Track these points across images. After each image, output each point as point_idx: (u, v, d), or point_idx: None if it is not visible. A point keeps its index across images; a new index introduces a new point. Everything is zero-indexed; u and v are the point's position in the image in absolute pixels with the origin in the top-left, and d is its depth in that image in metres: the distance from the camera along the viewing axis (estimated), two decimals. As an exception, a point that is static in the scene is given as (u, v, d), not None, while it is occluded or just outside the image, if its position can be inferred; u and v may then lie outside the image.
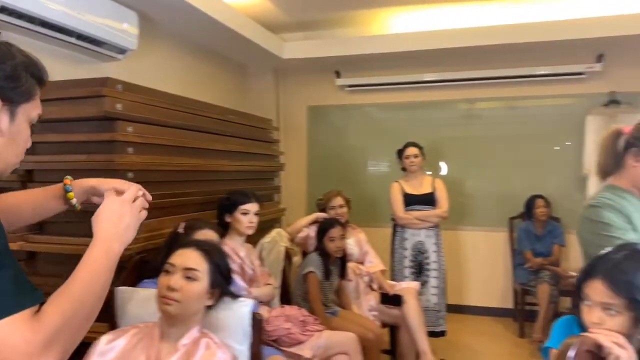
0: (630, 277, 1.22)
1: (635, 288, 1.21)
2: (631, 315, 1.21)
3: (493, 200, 4.74)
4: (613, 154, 1.82)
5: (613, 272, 1.25)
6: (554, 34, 4.09)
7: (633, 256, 1.28)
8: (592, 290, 1.27)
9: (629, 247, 1.34)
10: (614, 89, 4.31)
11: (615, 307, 1.23)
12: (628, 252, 1.30)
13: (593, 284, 1.28)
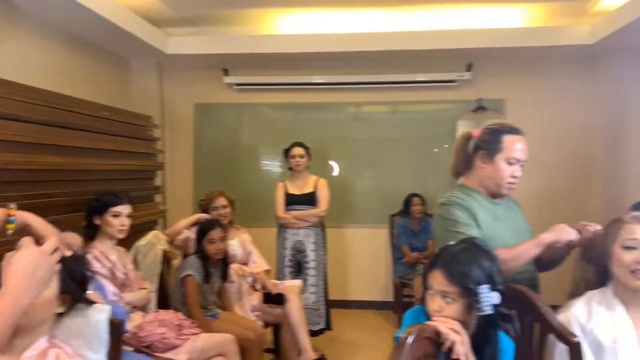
0: (465, 268, 1.34)
1: (468, 277, 1.33)
2: (465, 302, 1.33)
3: (377, 198, 4.96)
4: (464, 155, 1.98)
5: (450, 263, 1.36)
6: (431, 43, 4.37)
7: (470, 249, 1.40)
8: (433, 280, 1.38)
9: (468, 240, 1.47)
10: (481, 96, 4.71)
11: (451, 295, 1.34)
12: (466, 245, 1.43)
13: (434, 274, 1.38)
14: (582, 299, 1.64)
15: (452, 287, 1.34)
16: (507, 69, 4.72)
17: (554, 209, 4.41)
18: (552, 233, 1.76)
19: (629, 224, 1.61)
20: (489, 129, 1.94)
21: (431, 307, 1.38)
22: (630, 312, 1.57)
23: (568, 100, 4.67)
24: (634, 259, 1.54)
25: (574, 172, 4.66)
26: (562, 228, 1.77)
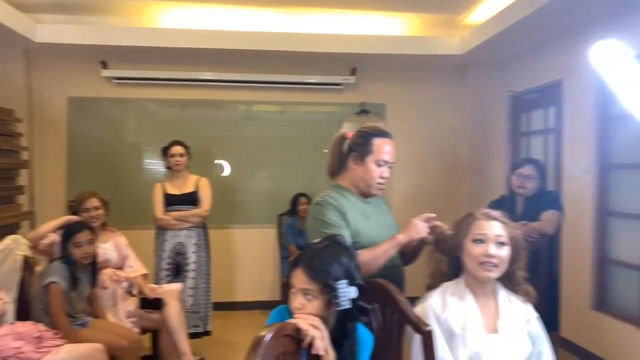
0: (325, 265, 1.38)
1: (328, 274, 1.37)
2: (325, 298, 1.37)
3: (266, 198, 4.97)
4: (338, 156, 2.04)
5: (311, 261, 1.40)
6: (318, 46, 4.46)
7: (331, 247, 1.45)
8: (295, 278, 1.41)
9: (330, 238, 1.51)
10: (365, 100, 4.90)
11: (312, 292, 1.38)
12: (328, 243, 1.47)
13: (296, 273, 1.41)
14: (438, 290, 1.76)
15: (313, 284, 1.37)
16: (388, 75, 4.96)
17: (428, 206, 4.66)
18: (405, 233, 1.88)
19: (479, 220, 1.75)
20: (361, 132, 2.02)
21: (293, 305, 1.40)
22: (479, 302, 1.71)
23: (441, 106, 5.02)
24: (482, 252, 1.68)
25: (445, 172, 5.03)
26: (414, 227, 1.88)
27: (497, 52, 4.45)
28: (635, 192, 3.28)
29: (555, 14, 3.40)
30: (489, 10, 4.01)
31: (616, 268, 3.49)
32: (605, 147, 3.53)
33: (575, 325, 3.69)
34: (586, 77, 3.56)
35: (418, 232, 1.87)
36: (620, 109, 3.37)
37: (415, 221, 1.89)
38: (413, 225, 1.88)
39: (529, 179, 3.09)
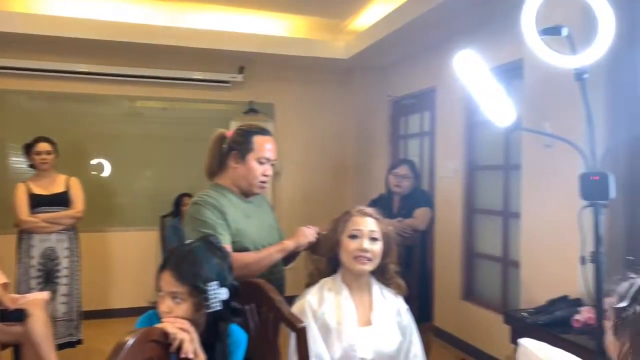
0: (194, 267, 1.35)
1: (198, 276, 1.34)
2: (194, 301, 1.34)
3: (149, 199, 4.74)
4: (218, 155, 2.00)
5: (180, 263, 1.36)
6: (205, 42, 4.35)
7: (202, 248, 1.42)
8: (163, 281, 1.36)
9: (202, 239, 1.48)
10: (253, 99, 4.88)
11: (180, 295, 1.34)
12: (199, 244, 1.44)
13: (164, 276, 1.36)
14: (316, 287, 1.81)
15: (181, 287, 1.34)
16: (276, 75, 4.99)
17: (316, 206, 4.81)
18: (293, 239, 1.92)
19: (354, 216, 1.83)
20: (240, 130, 2.00)
21: (161, 309, 1.35)
22: (354, 296, 1.78)
23: (328, 108, 5.16)
24: (357, 247, 1.76)
25: (332, 172, 5.17)
26: (302, 233, 1.94)
27: (379, 58, 4.66)
28: (495, 191, 3.63)
29: (426, 26, 3.65)
30: (371, 18, 4.20)
31: (481, 260, 3.83)
32: (471, 151, 3.86)
33: (446, 315, 3.99)
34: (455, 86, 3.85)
35: (306, 237, 1.93)
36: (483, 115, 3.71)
37: (303, 228, 1.95)
38: (301, 232, 1.94)
39: (404, 178, 3.27)
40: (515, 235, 3.34)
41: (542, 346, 0.98)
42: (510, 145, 3.47)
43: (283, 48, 4.53)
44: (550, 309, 2.16)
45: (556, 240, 2.63)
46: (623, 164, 2.39)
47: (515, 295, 3.26)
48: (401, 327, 1.80)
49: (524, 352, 0.98)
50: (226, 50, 4.45)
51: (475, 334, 3.70)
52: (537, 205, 2.81)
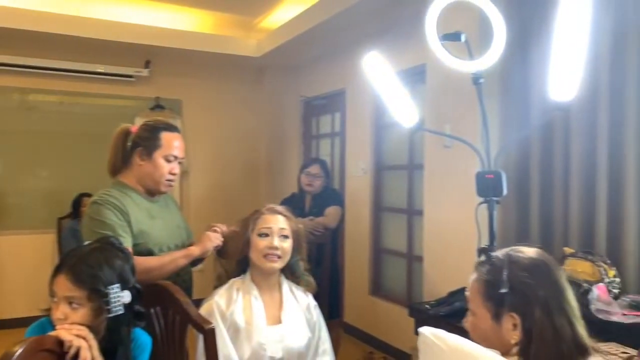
0: (94, 270, 1.27)
1: (97, 279, 1.26)
2: (93, 305, 1.26)
3: (45, 200, 4.41)
4: (122, 151, 1.89)
5: (77, 265, 1.27)
6: (108, 34, 4.11)
7: (102, 249, 1.34)
8: (57, 286, 1.27)
9: (101, 240, 1.40)
10: (160, 95, 4.70)
11: (77, 300, 1.25)
12: (97, 245, 1.36)
13: (58, 280, 1.27)
14: (225, 287, 1.78)
15: (78, 291, 1.25)
16: (184, 71, 4.84)
17: (227, 206, 4.73)
18: (199, 246, 1.87)
19: (264, 214, 1.82)
20: (147, 126, 1.91)
21: (56, 316, 1.26)
22: (264, 295, 1.78)
23: (240, 107, 5.09)
24: (268, 244, 1.75)
25: (244, 172, 5.12)
26: (208, 238, 1.89)
27: (291, 58, 4.68)
28: (401, 190, 3.78)
29: (336, 28, 3.73)
30: (284, 16, 4.20)
31: (388, 256, 3.97)
32: (379, 151, 4.00)
33: (355, 311, 4.10)
34: (364, 88, 3.97)
35: (212, 242, 1.88)
36: (390, 117, 3.86)
37: (208, 233, 1.90)
38: (206, 237, 1.89)
39: (315, 177, 3.31)
40: (419, 232, 3.51)
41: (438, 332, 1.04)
42: (414, 146, 3.64)
43: (191, 43, 4.40)
44: (450, 300, 2.28)
45: (455, 235, 2.79)
46: (513, 163, 2.59)
47: (419, 289, 3.42)
48: (310, 324, 1.82)
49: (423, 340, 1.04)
50: (131, 43, 4.24)
51: (382, 328, 3.83)
52: (437, 203, 2.96)
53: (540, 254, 1.06)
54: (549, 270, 1.02)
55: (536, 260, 1.03)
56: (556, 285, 1.01)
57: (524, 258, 1.04)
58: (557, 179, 2.44)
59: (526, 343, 0.97)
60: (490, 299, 1.03)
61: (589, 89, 2.15)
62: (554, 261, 1.06)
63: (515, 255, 1.04)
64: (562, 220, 2.41)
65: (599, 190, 2.24)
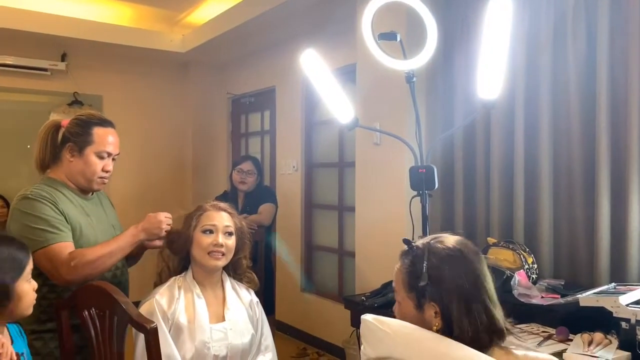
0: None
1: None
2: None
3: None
4: (51, 147, 1.77)
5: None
6: (19, 23, 3.83)
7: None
8: None
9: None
10: (78, 90, 4.45)
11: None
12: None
13: None
14: (166, 286, 1.73)
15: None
16: (105, 65, 4.61)
17: (152, 206, 4.53)
18: (146, 230, 1.74)
19: (208, 211, 1.79)
20: (79, 120, 1.79)
21: None
22: (206, 293, 1.75)
23: (164, 103, 4.94)
24: (212, 241, 1.72)
25: (170, 171, 4.97)
26: (156, 220, 1.75)
27: (217, 55, 4.61)
28: (332, 187, 3.86)
29: (265, 26, 3.72)
30: (210, 12, 4.13)
31: (319, 253, 4.03)
32: (309, 149, 4.04)
33: (287, 308, 4.12)
34: (295, 86, 4.01)
35: (160, 228, 1.75)
36: (321, 115, 3.93)
37: (155, 214, 1.76)
38: (154, 220, 1.75)
39: (249, 174, 3.30)
40: (350, 228, 3.59)
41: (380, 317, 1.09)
42: (344, 144, 3.72)
43: (112, 36, 4.20)
44: (384, 291, 2.37)
45: (386, 229, 2.89)
46: (439, 159, 2.73)
47: (350, 284, 3.50)
48: (253, 321, 1.82)
49: (366, 326, 1.09)
50: (44, 34, 3.98)
51: (315, 324, 3.88)
52: (368, 199, 3.05)
53: (460, 242, 1.09)
54: (466, 260, 1.06)
55: (453, 250, 1.06)
56: (473, 274, 1.04)
57: (442, 249, 1.07)
58: (479, 174, 2.61)
59: (447, 330, 1.02)
60: (412, 289, 1.07)
61: (507, 89, 2.31)
62: (473, 249, 1.09)
63: (434, 246, 1.07)
64: (485, 213, 2.58)
65: (516, 185, 2.42)
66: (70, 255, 1.57)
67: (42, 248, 1.57)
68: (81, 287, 1.56)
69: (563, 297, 1.92)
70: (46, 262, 1.57)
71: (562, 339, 1.64)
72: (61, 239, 1.60)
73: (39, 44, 4.19)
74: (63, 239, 1.60)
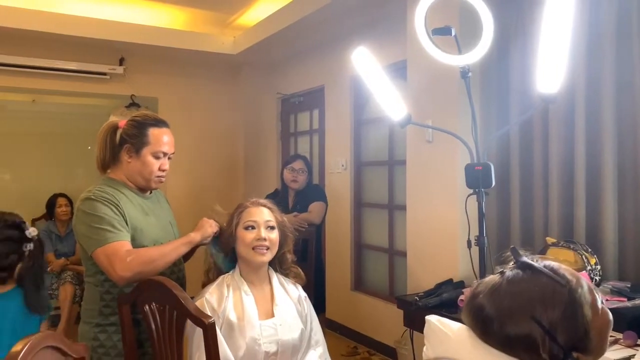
0: None
1: None
2: None
3: (16, 202, 4.26)
4: (110, 148, 1.83)
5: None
6: (81, 30, 4.03)
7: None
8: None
9: None
10: (135, 93, 4.61)
11: None
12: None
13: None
14: (215, 284, 1.76)
15: None
16: (160, 68, 4.77)
17: (205, 205, 4.65)
18: (198, 232, 1.79)
19: (249, 207, 1.81)
20: (134, 122, 1.83)
21: None
22: (254, 289, 1.76)
23: (216, 104, 5.05)
24: (255, 236, 1.74)
25: (222, 170, 5.08)
26: (208, 223, 1.82)
27: (267, 55, 4.67)
28: (381, 186, 3.83)
29: (314, 25, 3.73)
30: (261, 13, 4.18)
31: (369, 252, 4.01)
32: (358, 147, 4.03)
33: (338, 306, 4.12)
34: (344, 84, 4.01)
35: (212, 228, 1.81)
36: (370, 113, 3.90)
37: (206, 219, 1.83)
38: (205, 222, 1.82)
39: (300, 172, 3.32)
40: (400, 227, 3.55)
41: (443, 319, 1.06)
42: (394, 142, 3.68)
43: (166, 40, 4.34)
44: (438, 291, 2.33)
45: (438, 228, 2.84)
46: (494, 155, 2.65)
47: (401, 283, 3.46)
48: (302, 316, 1.82)
49: (430, 327, 1.06)
50: (104, 39, 4.15)
51: (365, 322, 3.86)
52: (420, 197, 3.01)
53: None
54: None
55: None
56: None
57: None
58: (536, 171, 2.51)
59: None
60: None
61: (567, 84, 2.22)
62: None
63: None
64: (543, 211, 2.49)
65: (577, 182, 2.32)
66: (126, 252, 1.63)
67: (102, 246, 1.63)
68: (142, 282, 1.61)
69: (630, 300, 1.83)
70: (104, 259, 1.63)
71: (630, 344, 1.56)
72: (119, 238, 1.65)
73: (99, 50, 4.38)
74: (121, 238, 1.65)
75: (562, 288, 0.87)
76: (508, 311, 0.88)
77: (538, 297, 0.87)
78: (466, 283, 2.46)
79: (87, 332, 1.74)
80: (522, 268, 0.91)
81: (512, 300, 0.88)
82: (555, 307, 0.86)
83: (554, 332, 0.85)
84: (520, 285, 0.89)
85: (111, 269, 1.62)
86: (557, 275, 0.89)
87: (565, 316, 0.85)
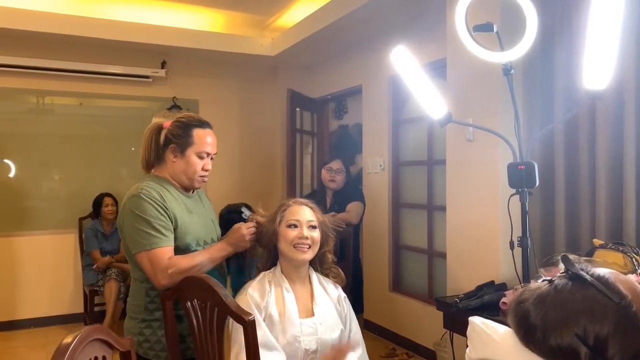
0: None
1: None
2: None
3: (64, 201, 4.46)
4: (155, 148, 1.88)
5: None
6: (124, 34, 4.16)
7: None
8: None
9: None
10: (176, 95, 4.72)
11: None
12: None
13: None
14: (257, 280, 1.79)
15: None
16: (200, 71, 4.86)
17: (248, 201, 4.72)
18: (231, 245, 1.82)
19: (291, 206, 1.84)
20: (179, 123, 1.88)
21: None
22: (295, 287, 1.78)
23: (256, 105, 5.11)
24: (297, 235, 1.76)
25: (261, 171, 5.13)
26: (241, 238, 1.83)
27: (305, 56, 4.69)
28: (420, 186, 3.78)
29: (351, 25, 3.73)
30: (298, 15, 4.21)
31: (408, 253, 3.97)
32: (396, 147, 3.99)
33: (376, 307, 4.10)
34: (382, 84, 3.98)
35: (245, 240, 1.84)
36: (408, 112, 3.86)
37: (238, 228, 1.85)
38: (238, 234, 1.83)
39: (338, 172, 3.32)
40: (439, 227, 3.50)
41: (488, 322, 1.04)
42: (433, 141, 3.63)
43: (207, 43, 4.42)
44: (479, 293, 2.28)
45: (479, 229, 2.78)
46: (537, 154, 2.58)
47: (440, 285, 3.41)
48: (341, 316, 1.83)
49: (474, 329, 1.04)
50: (147, 43, 4.28)
51: (404, 324, 3.83)
52: (460, 197, 2.95)
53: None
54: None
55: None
56: None
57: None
58: (582, 170, 2.43)
59: None
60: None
61: (615, 80, 2.13)
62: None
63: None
64: (589, 212, 2.40)
65: (627, 182, 2.23)
66: (168, 262, 1.68)
67: (146, 251, 1.69)
68: (185, 279, 1.65)
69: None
70: (147, 264, 1.69)
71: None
72: (163, 244, 1.70)
73: (142, 53, 4.51)
74: (164, 244, 1.70)
75: (613, 304, 0.84)
76: (553, 322, 0.85)
77: (585, 311, 0.83)
78: (508, 285, 2.40)
79: (133, 327, 1.79)
80: (572, 279, 0.89)
81: (557, 312, 0.85)
82: (604, 323, 0.81)
83: (600, 348, 0.81)
84: (568, 297, 0.85)
85: (152, 275, 1.69)
86: (610, 290, 0.85)
87: (617, 332, 0.81)
